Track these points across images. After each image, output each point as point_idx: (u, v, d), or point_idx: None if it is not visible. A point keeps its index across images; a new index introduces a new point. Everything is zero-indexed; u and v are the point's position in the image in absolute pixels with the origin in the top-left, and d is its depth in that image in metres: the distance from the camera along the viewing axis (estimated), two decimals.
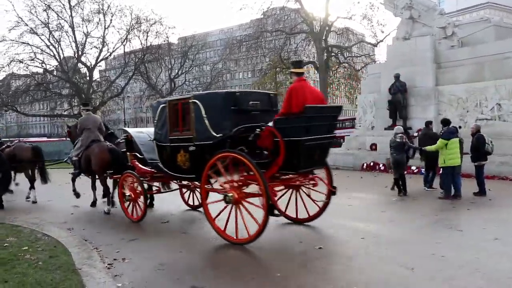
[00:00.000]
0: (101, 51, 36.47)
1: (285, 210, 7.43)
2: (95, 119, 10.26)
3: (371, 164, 16.30)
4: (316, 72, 35.66)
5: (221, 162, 6.28)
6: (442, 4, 40.75)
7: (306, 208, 7.39)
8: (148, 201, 8.72)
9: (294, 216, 7.47)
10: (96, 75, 42.62)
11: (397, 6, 18.50)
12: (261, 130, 6.35)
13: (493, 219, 7.74)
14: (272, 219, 6.06)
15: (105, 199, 9.66)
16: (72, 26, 35.14)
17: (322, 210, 7.29)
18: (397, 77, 16.91)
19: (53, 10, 34.37)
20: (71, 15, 34.85)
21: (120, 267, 5.38)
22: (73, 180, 10.63)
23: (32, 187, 11.24)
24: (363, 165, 16.76)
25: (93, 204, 10.07)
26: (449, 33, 17.05)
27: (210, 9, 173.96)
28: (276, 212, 6.03)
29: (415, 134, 14.93)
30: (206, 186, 6.70)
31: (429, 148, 10.22)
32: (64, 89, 39.64)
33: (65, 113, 42.29)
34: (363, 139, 18.15)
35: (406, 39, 17.96)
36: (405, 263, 5.21)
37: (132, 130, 9.14)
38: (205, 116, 6.58)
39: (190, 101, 6.83)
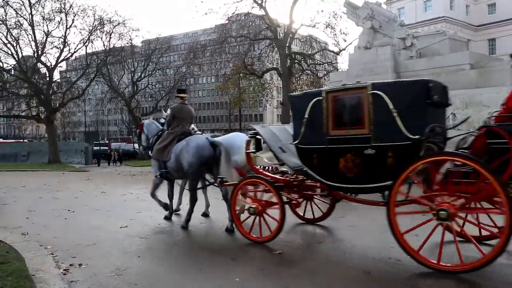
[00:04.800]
0: (62, 51, 35.60)
1: None
2: None
3: None
4: (279, 78, 35.98)
5: None
6: (402, 16, 42.12)
7: None
8: None
9: None
10: (56, 76, 41.53)
11: (359, 16, 18.99)
12: None
13: None
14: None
15: None
16: (31, 24, 34.12)
17: None
18: None
19: (11, 7, 33.34)
20: (31, 13, 33.85)
21: (76, 272, 5.25)
22: None
23: None
24: None
25: None
26: (408, 44, 17.63)
27: (175, 13, 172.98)
28: None
29: None
30: None
31: None
32: (22, 89, 38.38)
33: (23, 114, 41.01)
34: None
35: (367, 49, 18.44)
36: (362, 267, 5.33)
37: None
38: None
39: None
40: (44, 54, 35.92)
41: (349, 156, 5.52)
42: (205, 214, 8.73)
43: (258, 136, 7.07)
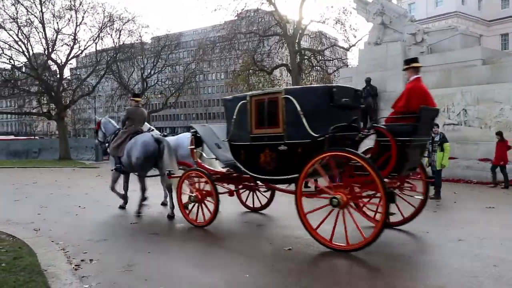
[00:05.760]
0: (72, 48, 35.65)
1: None
2: None
3: None
4: (288, 74, 35.87)
5: None
6: (412, 11, 41.76)
7: None
8: None
9: None
10: (66, 73, 41.69)
11: (369, 12, 18.85)
12: None
13: (458, 221, 7.98)
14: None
15: None
16: (42, 22, 34.25)
17: None
18: (368, 81, 17.21)
19: (22, 5, 33.44)
20: (41, 11, 33.94)
21: (87, 268, 5.30)
22: None
23: None
24: None
25: None
26: (419, 39, 17.47)
27: (184, 9, 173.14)
28: None
29: None
30: None
31: (447, 154, 10.49)
32: (33, 86, 38.58)
33: (34, 111, 41.26)
34: None
35: (378, 44, 18.32)
36: (372, 263, 5.32)
37: None
38: None
39: None
40: (55, 52, 36.00)
41: (268, 151, 6.48)
42: (164, 204, 9.69)
43: (198, 134, 8.23)
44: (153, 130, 9.94)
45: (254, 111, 6.67)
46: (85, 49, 37.10)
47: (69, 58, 36.30)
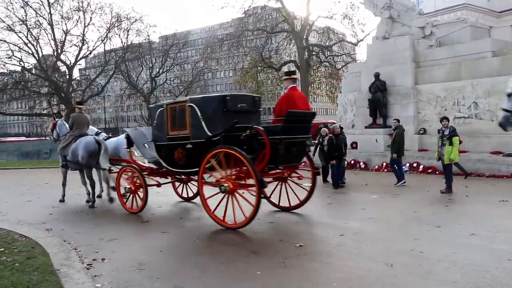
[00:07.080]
0: (81, 49, 35.94)
1: None
2: None
3: (352, 162, 16.41)
4: (297, 71, 35.79)
5: None
6: (420, 4, 41.31)
7: None
8: None
9: None
10: (76, 73, 42.03)
11: (377, 6, 18.70)
12: None
13: (470, 215, 7.91)
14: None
15: None
16: (51, 24, 34.53)
17: None
18: (377, 76, 17.10)
19: (31, 7, 33.75)
20: (49, 12, 34.23)
21: (99, 267, 5.33)
22: None
23: None
24: None
25: None
26: (428, 32, 17.31)
27: (191, 8, 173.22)
28: None
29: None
30: None
31: (455, 148, 10.37)
32: (43, 87, 38.90)
33: (44, 112, 41.62)
34: None
35: (386, 39, 18.18)
36: (384, 259, 5.28)
37: None
38: None
39: None
40: (64, 53, 36.33)
41: (179, 149, 7.79)
42: (99, 196, 11.02)
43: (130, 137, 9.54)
44: (100, 133, 11.45)
45: (169, 116, 7.98)
46: (93, 49, 37.37)
47: (78, 59, 36.58)
